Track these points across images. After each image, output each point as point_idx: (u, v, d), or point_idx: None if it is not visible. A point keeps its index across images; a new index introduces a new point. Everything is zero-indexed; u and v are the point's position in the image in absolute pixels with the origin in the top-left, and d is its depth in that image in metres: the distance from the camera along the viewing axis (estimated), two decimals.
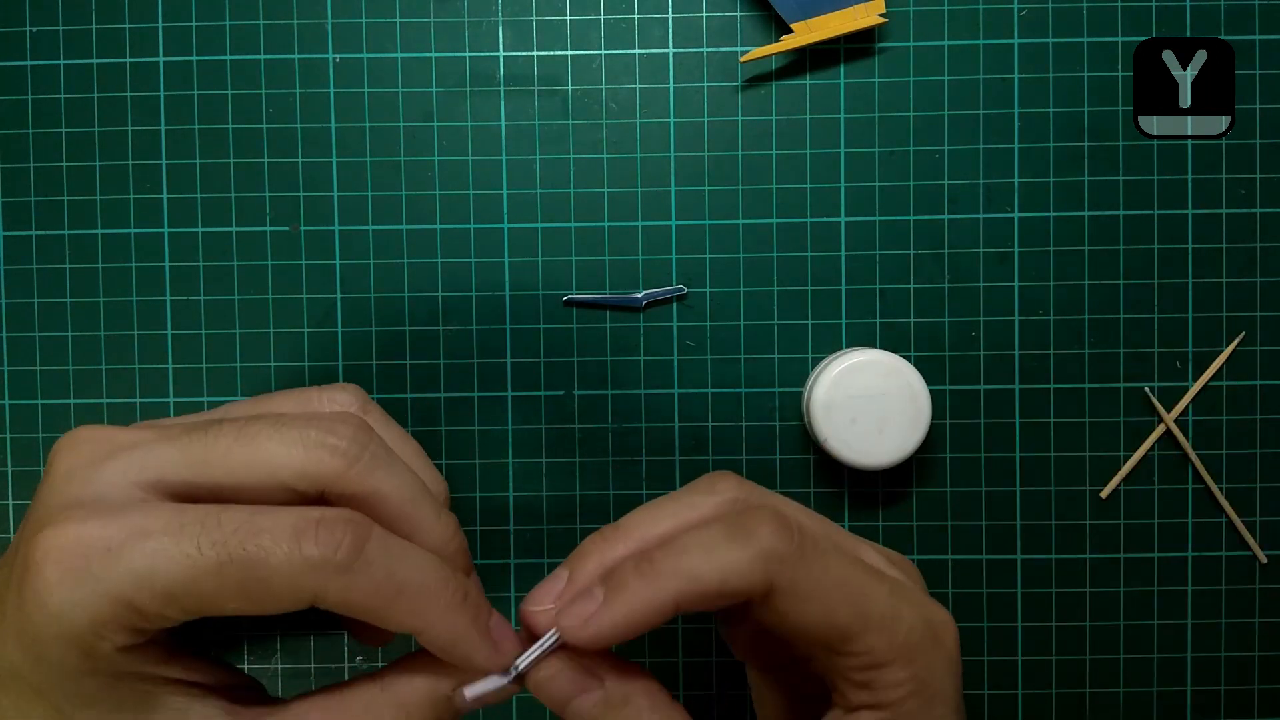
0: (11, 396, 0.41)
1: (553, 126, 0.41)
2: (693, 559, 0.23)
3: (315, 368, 0.41)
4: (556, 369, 0.41)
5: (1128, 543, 0.41)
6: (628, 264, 0.41)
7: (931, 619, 0.25)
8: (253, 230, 0.41)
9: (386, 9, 0.41)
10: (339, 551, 0.22)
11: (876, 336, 0.41)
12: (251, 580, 0.21)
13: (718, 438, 0.41)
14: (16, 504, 0.41)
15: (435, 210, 0.41)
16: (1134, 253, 0.41)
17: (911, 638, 0.24)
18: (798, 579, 0.24)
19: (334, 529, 0.22)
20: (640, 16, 0.41)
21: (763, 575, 0.23)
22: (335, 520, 0.22)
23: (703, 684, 0.41)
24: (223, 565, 0.21)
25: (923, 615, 0.25)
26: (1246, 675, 0.41)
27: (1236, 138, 0.40)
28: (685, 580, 0.23)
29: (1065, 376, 0.41)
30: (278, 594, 0.22)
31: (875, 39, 0.40)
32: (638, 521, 0.26)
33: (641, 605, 0.23)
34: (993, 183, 0.40)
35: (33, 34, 0.41)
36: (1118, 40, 0.40)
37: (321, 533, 0.22)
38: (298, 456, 0.23)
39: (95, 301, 0.41)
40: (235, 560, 0.21)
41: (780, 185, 0.41)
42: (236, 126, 0.41)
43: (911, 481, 0.41)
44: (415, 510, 0.25)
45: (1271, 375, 0.40)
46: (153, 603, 0.21)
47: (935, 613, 0.25)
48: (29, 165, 0.41)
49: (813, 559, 0.24)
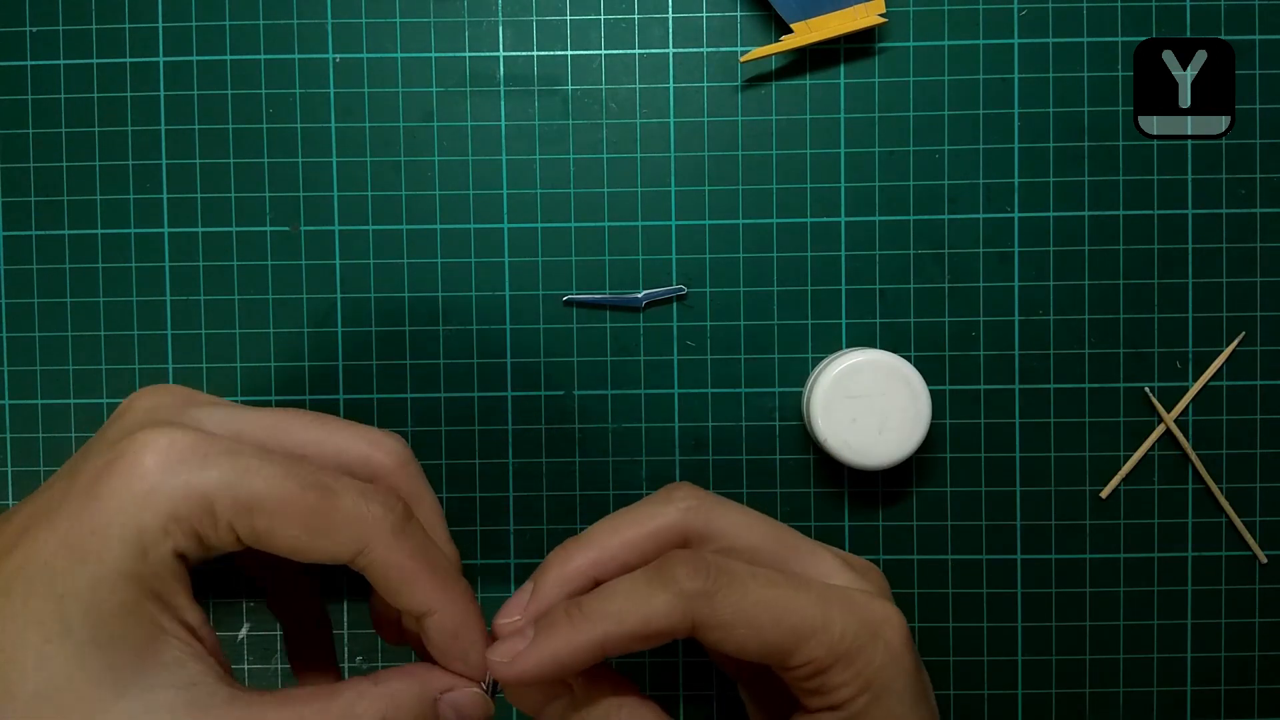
0: (11, 396, 0.41)
1: (553, 126, 0.41)
2: (617, 603, 0.25)
3: (315, 368, 0.41)
4: (556, 369, 0.41)
5: (1128, 543, 0.41)
6: (628, 264, 0.41)
7: (868, 618, 0.26)
8: (253, 230, 0.41)
9: (386, 9, 0.41)
10: (393, 511, 0.25)
11: (876, 336, 0.41)
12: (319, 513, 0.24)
13: (718, 438, 0.41)
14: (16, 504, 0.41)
15: (435, 210, 0.41)
16: (1134, 253, 0.41)
17: (845, 640, 0.25)
18: (717, 611, 0.25)
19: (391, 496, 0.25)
20: (640, 16, 0.41)
21: (682, 614, 0.25)
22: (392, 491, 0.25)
23: (703, 684, 0.41)
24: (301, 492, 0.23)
25: (858, 616, 0.26)
26: (1246, 675, 0.41)
27: (1236, 138, 0.40)
28: (611, 622, 0.25)
29: (1065, 376, 0.41)
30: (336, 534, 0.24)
31: (875, 39, 0.40)
32: (599, 532, 0.28)
33: (567, 646, 0.25)
34: (993, 183, 0.40)
35: (33, 34, 0.41)
36: (1118, 40, 0.40)
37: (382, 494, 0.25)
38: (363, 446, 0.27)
39: (95, 301, 0.41)
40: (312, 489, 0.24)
41: (780, 185, 0.41)
42: (236, 126, 0.41)
43: (911, 481, 0.41)
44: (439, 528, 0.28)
45: (1271, 375, 0.40)
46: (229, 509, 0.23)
47: (874, 610, 0.26)
48: (29, 165, 0.41)
49: (728, 590, 0.25)
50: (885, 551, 0.41)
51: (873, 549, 0.41)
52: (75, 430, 0.41)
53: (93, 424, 0.41)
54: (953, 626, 0.41)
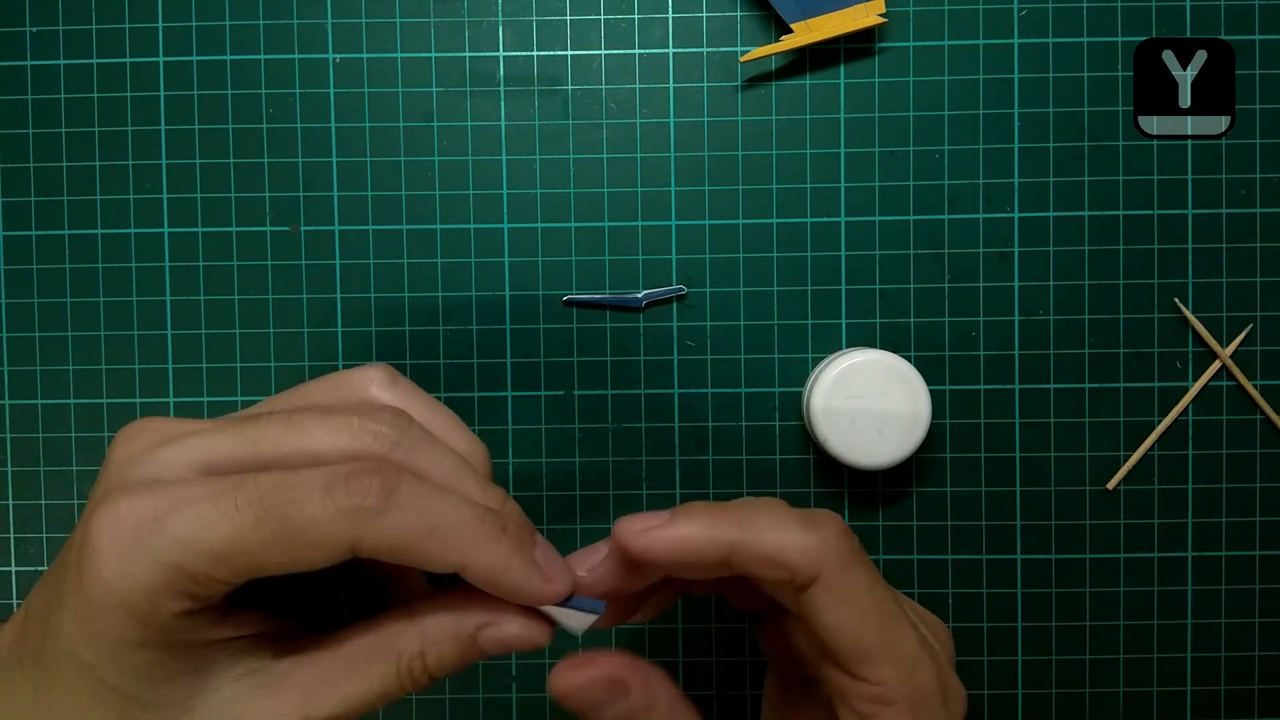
0: (11, 396, 0.41)
1: (553, 126, 0.41)
2: (761, 519, 0.25)
3: (315, 368, 0.41)
4: (556, 369, 0.41)
5: (1128, 543, 0.41)
6: (628, 264, 0.41)
7: (948, 684, 0.26)
8: (253, 230, 0.41)
9: (386, 9, 0.41)
10: (369, 497, 0.23)
11: (876, 336, 0.41)
12: (290, 533, 0.22)
13: (718, 438, 0.41)
14: (16, 504, 0.41)
15: (435, 210, 0.41)
16: (1134, 253, 0.41)
17: (925, 689, 0.25)
18: (845, 579, 0.25)
19: (362, 478, 0.23)
20: (640, 16, 0.41)
21: (816, 560, 0.24)
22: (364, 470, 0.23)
23: (703, 684, 0.41)
24: (260, 521, 0.22)
25: (941, 676, 0.26)
26: (1246, 675, 0.41)
27: (1236, 138, 0.40)
28: (748, 532, 0.24)
29: (1065, 376, 0.41)
30: (317, 544, 0.22)
31: (875, 39, 0.40)
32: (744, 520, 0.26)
33: (699, 537, 0.24)
34: (993, 183, 0.40)
35: (33, 34, 0.41)
36: (1118, 40, 0.40)
37: (350, 482, 0.23)
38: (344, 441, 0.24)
39: (95, 301, 0.41)
40: (272, 515, 0.22)
41: (780, 185, 0.41)
42: (236, 126, 0.41)
43: (911, 481, 0.41)
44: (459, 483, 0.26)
45: (1271, 375, 0.40)
46: (200, 564, 0.22)
47: (953, 681, 0.26)
48: (29, 165, 0.41)
49: (863, 571, 0.25)
50: (885, 551, 0.41)
51: (873, 549, 0.41)
52: (75, 430, 0.41)
53: (93, 424, 0.41)
54: (953, 626, 0.41)
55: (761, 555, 0.25)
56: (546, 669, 0.41)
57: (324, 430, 0.24)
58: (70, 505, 0.42)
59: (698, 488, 0.41)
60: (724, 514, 0.25)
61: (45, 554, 0.42)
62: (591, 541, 0.28)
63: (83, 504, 0.41)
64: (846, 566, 0.25)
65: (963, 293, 0.41)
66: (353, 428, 0.24)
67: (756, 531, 0.25)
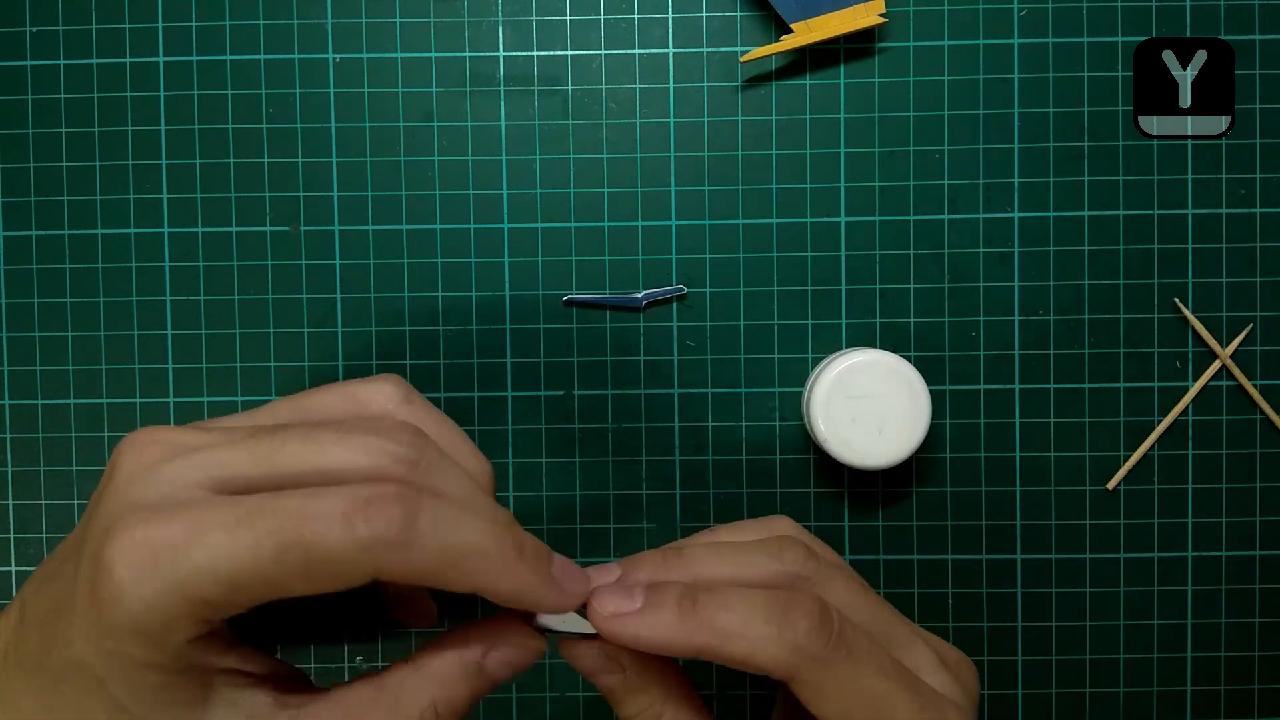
0: (11, 396, 0.41)
1: (553, 126, 0.41)
2: (730, 622, 0.24)
3: (315, 368, 0.41)
4: (556, 369, 0.41)
5: (1128, 542, 0.41)
6: (628, 264, 0.41)
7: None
8: (253, 230, 0.41)
9: (386, 9, 0.41)
10: (391, 528, 0.22)
11: (876, 336, 0.41)
12: (311, 563, 0.22)
13: (718, 438, 0.41)
14: (16, 504, 0.41)
15: (435, 210, 0.41)
16: (1134, 253, 0.41)
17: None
18: (823, 680, 0.24)
19: (384, 506, 0.22)
20: (640, 16, 0.41)
21: (788, 665, 0.24)
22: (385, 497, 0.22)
23: (702, 684, 0.41)
24: (282, 552, 0.22)
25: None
26: (1246, 675, 0.41)
27: (1236, 138, 0.40)
28: (716, 637, 0.24)
29: (1065, 376, 0.41)
30: (339, 574, 0.22)
31: (875, 39, 0.40)
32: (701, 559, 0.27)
33: (667, 635, 0.25)
34: (993, 183, 0.40)
35: (33, 34, 0.41)
36: (1118, 40, 0.40)
37: (372, 511, 0.22)
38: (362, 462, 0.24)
39: (95, 301, 0.41)
40: (293, 547, 0.22)
41: (780, 185, 0.41)
42: (236, 126, 0.41)
43: (911, 481, 0.41)
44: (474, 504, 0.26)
45: (1271, 375, 0.40)
46: (220, 593, 0.22)
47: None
48: (29, 165, 0.41)
49: (843, 664, 0.24)
50: (885, 551, 0.41)
51: (873, 549, 0.41)
52: (75, 430, 0.41)
53: (93, 424, 0.41)
54: (953, 626, 0.41)
55: (731, 659, 0.25)
56: (547, 669, 0.41)
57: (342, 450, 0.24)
58: (70, 505, 0.42)
59: (698, 488, 0.41)
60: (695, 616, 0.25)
61: (45, 554, 0.42)
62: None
63: (83, 504, 0.41)
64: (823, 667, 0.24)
65: (963, 293, 0.41)
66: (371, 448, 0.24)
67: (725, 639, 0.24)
